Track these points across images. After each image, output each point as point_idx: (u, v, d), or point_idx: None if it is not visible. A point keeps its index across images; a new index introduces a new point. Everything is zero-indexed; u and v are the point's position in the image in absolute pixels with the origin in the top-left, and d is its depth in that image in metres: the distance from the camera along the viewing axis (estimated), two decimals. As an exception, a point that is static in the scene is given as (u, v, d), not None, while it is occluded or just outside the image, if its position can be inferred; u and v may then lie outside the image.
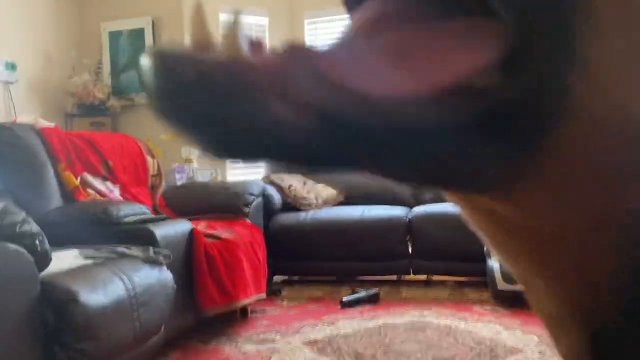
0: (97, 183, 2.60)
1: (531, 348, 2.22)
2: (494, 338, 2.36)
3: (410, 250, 3.31)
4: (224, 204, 2.94)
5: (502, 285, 2.84)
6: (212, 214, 2.81)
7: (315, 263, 3.37)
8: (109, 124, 3.94)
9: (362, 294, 2.99)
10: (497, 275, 2.86)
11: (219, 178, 3.86)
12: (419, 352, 2.23)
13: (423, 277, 3.45)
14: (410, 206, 3.47)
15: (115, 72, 4.09)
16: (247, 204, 3.06)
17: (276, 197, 3.52)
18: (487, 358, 2.15)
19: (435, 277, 3.45)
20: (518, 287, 2.08)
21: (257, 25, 4.40)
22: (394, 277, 3.40)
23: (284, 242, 3.30)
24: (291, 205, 3.55)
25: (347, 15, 0.30)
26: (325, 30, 4.50)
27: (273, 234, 3.25)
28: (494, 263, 2.91)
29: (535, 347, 2.23)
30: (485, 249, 2.97)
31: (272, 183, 3.61)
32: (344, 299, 2.93)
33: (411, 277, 3.41)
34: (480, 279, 3.09)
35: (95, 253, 1.90)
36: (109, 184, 2.68)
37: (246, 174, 4.30)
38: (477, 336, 2.39)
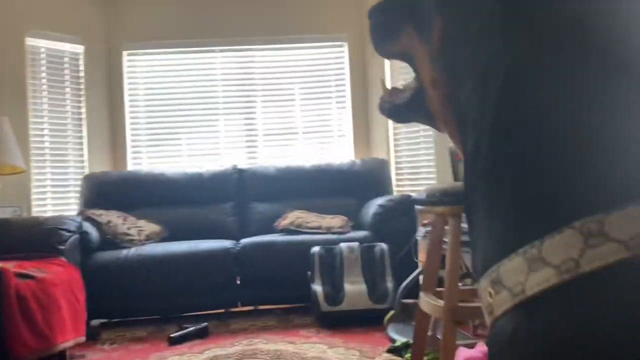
0: None
1: (354, 361, 2.42)
2: (321, 356, 2.51)
3: (238, 281, 3.36)
4: (36, 241, 2.68)
5: (325, 307, 3.04)
6: (22, 252, 2.54)
7: (139, 302, 3.22)
8: None
9: (190, 328, 2.94)
10: (321, 298, 3.06)
11: (24, 214, 3.49)
12: (253, 377, 2.27)
13: (251, 307, 3.51)
14: (237, 238, 3.53)
15: None
16: (63, 242, 2.83)
17: (94, 234, 3.31)
18: (316, 375, 2.28)
19: (263, 307, 3.54)
20: (339, 308, 2.30)
21: (71, 52, 4.16)
22: (222, 310, 3.40)
23: (104, 281, 3.10)
24: (111, 242, 3.36)
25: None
26: (145, 63, 4.43)
27: (91, 273, 3.03)
28: (317, 287, 3.11)
29: (357, 360, 2.43)
30: (308, 274, 3.17)
31: (88, 219, 3.38)
32: (173, 335, 2.84)
33: (239, 308, 3.44)
34: (305, 304, 3.26)
35: None
36: None
37: (57, 210, 3.95)
38: (305, 356, 2.51)
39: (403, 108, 0.59)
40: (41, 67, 4.04)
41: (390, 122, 4.41)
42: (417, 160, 4.28)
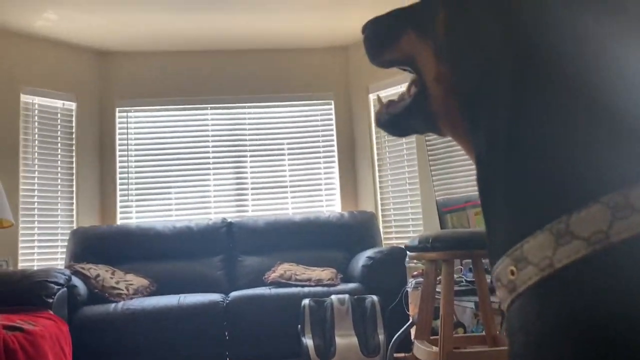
0: None
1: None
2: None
3: (227, 335, 3.31)
4: (24, 294, 2.64)
5: (316, 360, 3.00)
6: (10, 305, 2.50)
7: (127, 356, 3.15)
8: None
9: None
10: (312, 352, 3.02)
11: (10, 267, 3.44)
12: None
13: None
14: (226, 292, 3.51)
15: None
16: (51, 295, 2.79)
17: (82, 287, 3.26)
18: None
19: (252, 362, 3.47)
20: None
21: (64, 109, 4.23)
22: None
23: (92, 335, 3.04)
24: (99, 296, 3.32)
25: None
26: (137, 119, 4.51)
27: (79, 327, 2.98)
28: (307, 340, 3.08)
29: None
30: (299, 327, 3.14)
31: (76, 272, 3.35)
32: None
33: (228, 363, 3.37)
34: (295, 359, 3.21)
35: None
36: None
37: (44, 264, 3.90)
38: (298, 411, 2.46)
39: (402, 115, 0.61)
40: (34, 123, 4.10)
41: (377, 175, 4.51)
42: (404, 212, 4.35)
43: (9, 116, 3.90)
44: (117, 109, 4.44)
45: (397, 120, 0.62)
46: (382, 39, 0.60)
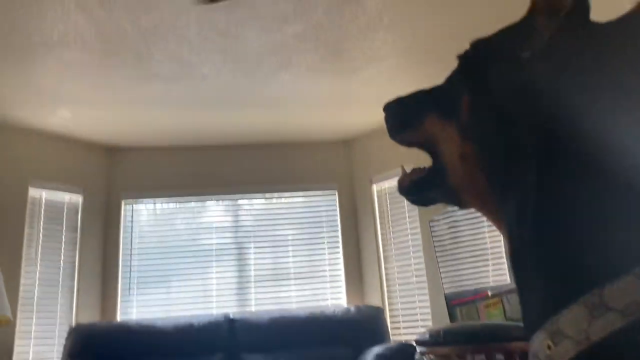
0: None
1: None
2: None
3: None
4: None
5: None
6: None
7: None
8: None
9: None
10: None
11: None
12: None
13: None
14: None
15: None
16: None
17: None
18: None
19: None
20: None
21: (70, 203, 4.27)
22: None
23: None
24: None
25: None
26: (142, 213, 4.53)
27: None
28: None
29: None
30: None
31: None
32: None
33: None
34: None
35: None
36: None
37: (37, 365, 3.74)
38: None
39: (424, 184, 0.63)
40: (40, 216, 4.11)
41: (383, 267, 4.44)
42: (412, 305, 4.23)
43: (15, 209, 3.93)
44: (123, 202, 4.47)
45: (417, 187, 0.64)
46: (405, 120, 0.63)
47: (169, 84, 3.55)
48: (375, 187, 4.61)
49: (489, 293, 3.62)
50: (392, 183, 4.38)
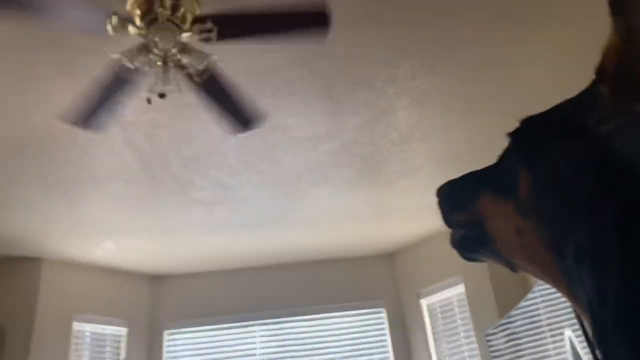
0: None
1: None
2: None
3: None
4: None
5: None
6: None
7: None
8: None
9: None
10: None
11: None
12: None
13: None
14: None
15: None
16: None
17: None
18: None
19: None
20: None
21: (113, 335, 4.21)
22: None
23: None
24: None
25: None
26: (184, 341, 4.42)
27: None
28: None
29: None
30: None
31: None
32: None
33: None
34: None
35: None
36: None
37: None
38: None
39: (472, 242, 0.61)
40: (84, 349, 4.05)
41: (441, 390, 4.09)
42: None
43: (59, 345, 3.88)
44: (165, 332, 4.39)
45: (468, 242, 0.62)
46: (459, 201, 0.62)
47: (209, 208, 3.61)
48: (424, 302, 4.41)
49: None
50: (442, 296, 4.19)
